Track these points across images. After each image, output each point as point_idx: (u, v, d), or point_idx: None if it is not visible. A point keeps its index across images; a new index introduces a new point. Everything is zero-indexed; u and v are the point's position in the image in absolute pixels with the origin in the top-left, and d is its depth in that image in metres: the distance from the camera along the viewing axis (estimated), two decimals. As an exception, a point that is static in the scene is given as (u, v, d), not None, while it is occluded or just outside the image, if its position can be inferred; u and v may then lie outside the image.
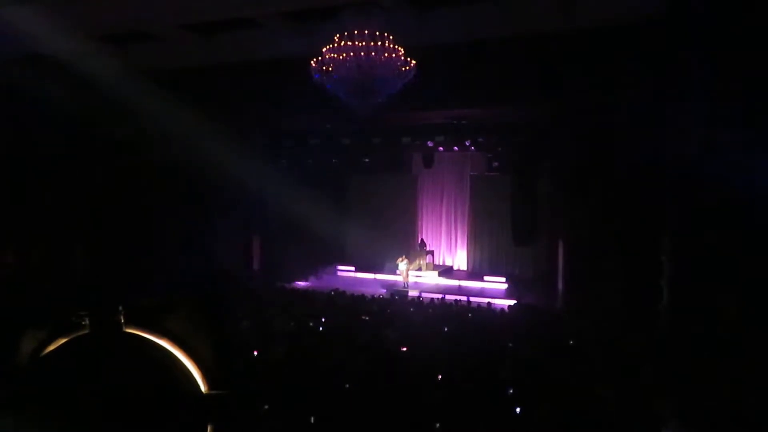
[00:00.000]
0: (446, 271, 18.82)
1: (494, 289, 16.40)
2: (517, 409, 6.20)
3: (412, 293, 15.18)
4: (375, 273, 17.90)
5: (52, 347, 1.29)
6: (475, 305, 13.50)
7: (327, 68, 9.72)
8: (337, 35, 9.51)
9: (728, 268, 9.91)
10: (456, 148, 16.70)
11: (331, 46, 9.57)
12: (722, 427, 5.65)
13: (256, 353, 8.14)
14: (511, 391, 6.65)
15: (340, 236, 18.86)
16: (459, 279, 17.74)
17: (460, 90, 12.65)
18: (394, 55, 9.55)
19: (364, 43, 9.37)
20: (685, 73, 10.22)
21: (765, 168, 8.77)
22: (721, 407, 6.02)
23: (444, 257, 20.05)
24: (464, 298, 14.24)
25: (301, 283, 17.28)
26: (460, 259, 19.87)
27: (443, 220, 20.18)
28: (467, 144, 16.06)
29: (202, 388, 1.32)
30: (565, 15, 10.72)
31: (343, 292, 14.22)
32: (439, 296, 14.64)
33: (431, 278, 17.69)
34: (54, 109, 13.36)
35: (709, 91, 9.78)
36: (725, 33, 9.59)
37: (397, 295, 14.71)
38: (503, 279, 17.05)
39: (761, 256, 9.58)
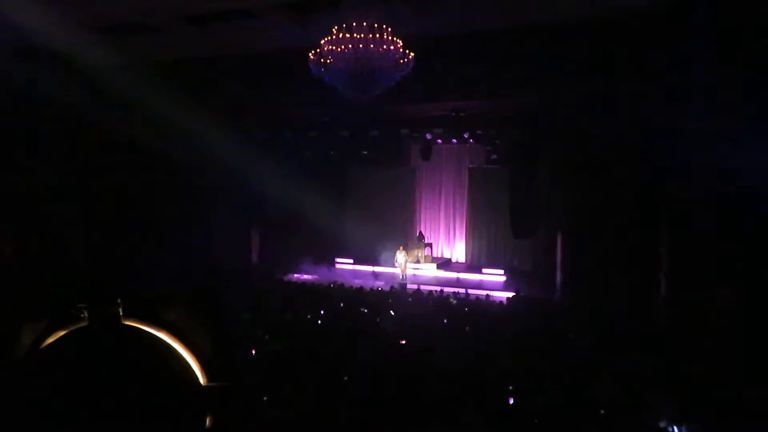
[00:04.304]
0: (445, 264, 18.84)
1: (493, 282, 16.42)
2: (511, 400, 6.23)
3: (411, 286, 15.19)
4: (373, 265, 17.91)
5: (50, 340, 1.29)
6: (473, 297, 13.52)
7: (325, 60, 9.68)
8: (336, 27, 9.47)
9: (726, 261, 9.93)
10: (454, 140, 16.67)
11: (329, 38, 9.53)
12: (720, 419, 5.67)
13: (254, 345, 8.16)
14: (509, 382, 6.67)
15: (339, 229, 18.85)
16: (457, 271, 17.76)
17: (459, 82, 12.62)
18: (392, 47, 9.51)
19: (362, 35, 9.33)
20: (686, 65, 10.21)
21: (763, 161, 8.77)
22: (719, 400, 6.05)
23: (442, 250, 20.06)
24: (463, 291, 14.25)
25: (299, 276, 17.29)
26: (458, 252, 19.89)
27: (442, 212, 20.19)
28: (466, 136, 16.03)
29: (201, 380, 1.32)
30: (564, 6, 10.69)
31: (342, 285, 14.23)
32: (438, 289, 14.66)
33: (430, 271, 17.70)
34: (51, 100, 13.31)
35: (709, 83, 9.77)
36: (726, 28, 9.57)
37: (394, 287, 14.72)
38: (502, 271, 17.06)
39: (759, 249, 9.60)
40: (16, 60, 12.49)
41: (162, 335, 1.32)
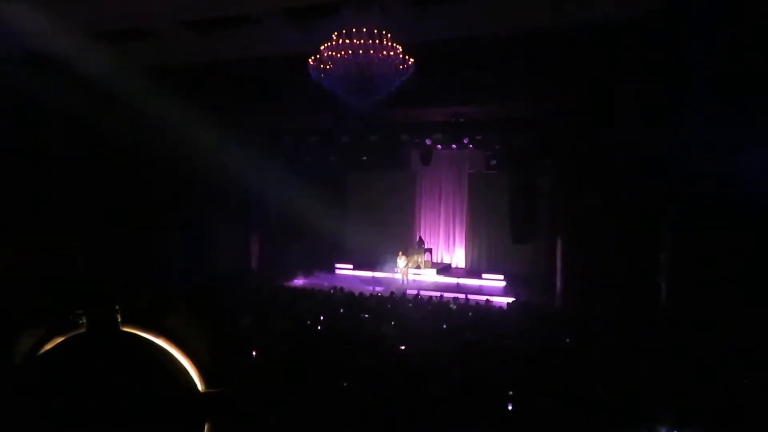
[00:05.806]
0: (444, 269, 18.84)
1: (492, 287, 16.43)
2: (510, 407, 6.21)
3: (411, 291, 15.18)
4: (373, 270, 17.90)
5: (49, 346, 1.28)
6: (473, 303, 13.51)
7: (325, 66, 9.70)
8: (336, 33, 9.50)
9: (727, 266, 9.92)
10: (454, 145, 16.70)
11: (329, 43, 9.56)
12: (720, 426, 5.66)
13: (254, 351, 8.14)
14: (509, 388, 6.65)
15: (339, 234, 18.87)
16: (457, 277, 17.77)
17: (459, 87, 12.64)
18: (392, 53, 9.53)
19: (362, 41, 9.36)
20: (686, 70, 10.22)
21: (764, 165, 8.77)
22: (719, 406, 6.03)
23: (442, 255, 20.07)
24: (463, 296, 14.25)
25: (299, 281, 17.28)
26: (458, 257, 19.90)
27: (441, 217, 20.21)
28: (465, 142, 16.06)
29: (199, 386, 1.31)
30: (564, 10, 10.71)
31: (342, 290, 14.23)
32: (438, 294, 14.66)
33: (429, 276, 17.71)
34: (52, 106, 13.33)
35: (710, 85, 9.78)
36: (726, 31, 9.59)
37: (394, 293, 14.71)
38: (501, 277, 17.07)
39: (760, 253, 9.60)
40: (15, 65, 12.50)
41: (160, 341, 1.31)
